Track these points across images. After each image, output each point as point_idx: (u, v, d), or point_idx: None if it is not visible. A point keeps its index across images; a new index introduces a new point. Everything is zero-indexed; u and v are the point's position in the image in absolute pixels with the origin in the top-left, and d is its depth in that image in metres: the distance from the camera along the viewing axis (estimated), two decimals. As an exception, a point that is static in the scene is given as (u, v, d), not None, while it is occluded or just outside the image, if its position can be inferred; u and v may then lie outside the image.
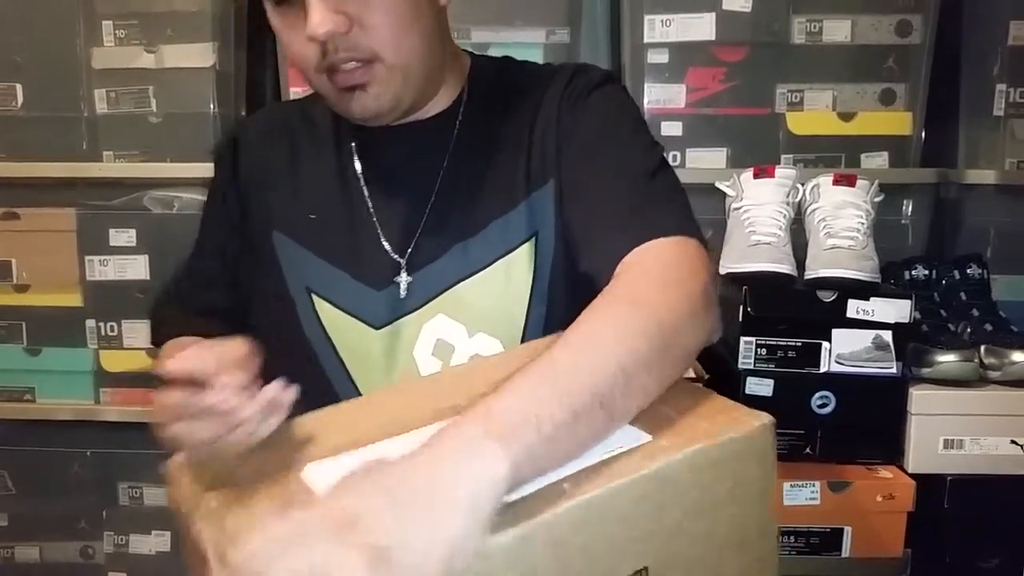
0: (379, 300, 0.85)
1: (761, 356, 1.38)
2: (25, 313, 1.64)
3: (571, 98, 0.87)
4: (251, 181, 0.93)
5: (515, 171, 0.86)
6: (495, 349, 0.85)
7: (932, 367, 1.40)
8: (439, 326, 0.85)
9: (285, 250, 0.89)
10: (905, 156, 1.61)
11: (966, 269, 1.54)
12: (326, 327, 0.86)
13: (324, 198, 0.89)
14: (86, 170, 1.58)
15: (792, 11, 1.57)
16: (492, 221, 0.85)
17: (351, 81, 0.79)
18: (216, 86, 1.57)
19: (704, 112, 1.60)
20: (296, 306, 0.88)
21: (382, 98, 0.81)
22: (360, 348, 0.85)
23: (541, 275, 0.85)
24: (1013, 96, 1.59)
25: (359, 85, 0.80)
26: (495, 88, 0.91)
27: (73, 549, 1.72)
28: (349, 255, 0.87)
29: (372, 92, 0.80)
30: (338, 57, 0.78)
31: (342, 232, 0.88)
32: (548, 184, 0.85)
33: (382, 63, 0.79)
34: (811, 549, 1.38)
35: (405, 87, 0.82)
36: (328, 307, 0.86)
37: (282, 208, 0.90)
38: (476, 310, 0.84)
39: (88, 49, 1.57)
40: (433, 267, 0.85)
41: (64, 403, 1.66)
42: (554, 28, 1.59)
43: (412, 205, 0.87)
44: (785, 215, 1.43)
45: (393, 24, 0.78)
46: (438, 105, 0.89)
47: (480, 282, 0.85)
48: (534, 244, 0.85)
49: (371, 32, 0.77)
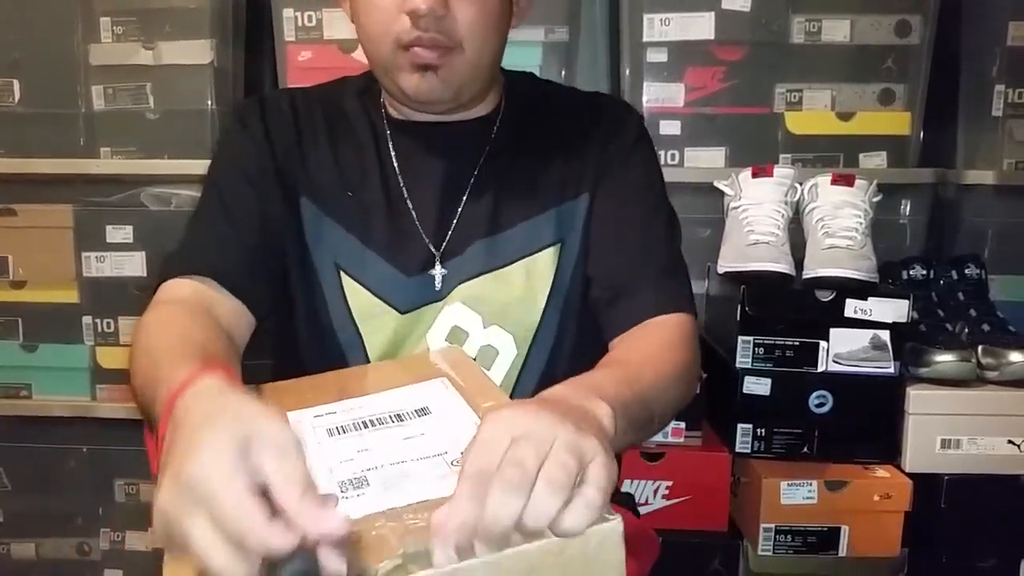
0: (409, 287, 0.89)
1: (759, 355, 1.38)
2: (21, 309, 1.64)
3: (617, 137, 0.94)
4: (282, 141, 0.91)
5: (547, 180, 0.92)
6: (507, 343, 0.89)
7: (930, 367, 1.40)
8: (457, 313, 0.88)
9: (312, 219, 0.90)
10: (904, 156, 1.61)
11: (964, 269, 1.54)
12: (351, 306, 0.89)
13: (362, 181, 0.91)
14: (83, 166, 1.58)
15: (791, 11, 1.57)
16: (519, 223, 0.90)
17: (428, 60, 0.82)
18: (214, 83, 1.56)
19: (703, 111, 1.60)
20: (320, 276, 0.89)
21: (449, 85, 0.85)
22: (381, 328, 0.88)
23: (561, 281, 0.91)
24: (1012, 97, 1.59)
25: (433, 67, 0.83)
26: (530, 102, 0.97)
27: (69, 546, 1.71)
28: (386, 240, 0.89)
29: (442, 76, 0.84)
30: (427, 35, 0.81)
31: (380, 217, 0.90)
32: (582, 197, 0.92)
33: (462, 53, 0.83)
34: (808, 548, 1.38)
35: (471, 81, 0.87)
36: (357, 287, 0.89)
37: (315, 178, 0.91)
38: (493, 304, 0.88)
39: (86, 45, 1.56)
40: (460, 259, 0.89)
41: (60, 400, 1.65)
42: (553, 27, 1.59)
43: (446, 200, 0.91)
44: (783, 214, 1.43)
45: (483, 21, 0.84)
46: (480, 110, 0.94)
47: (500, 278, 0.89)
48: (558, 251, 0.91)
49: (463, 21, 0.82)
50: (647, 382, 0.72)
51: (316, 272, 0.90)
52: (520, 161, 0.92)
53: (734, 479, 1.45)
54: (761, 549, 1.38)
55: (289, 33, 1.58)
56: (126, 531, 1.70)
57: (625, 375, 0.71)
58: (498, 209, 0.90)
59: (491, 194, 0.91)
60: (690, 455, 1.44)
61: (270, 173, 0.90)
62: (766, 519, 1.38)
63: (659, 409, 0.74)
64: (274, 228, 0.89)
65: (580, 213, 0.92)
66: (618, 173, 0.93)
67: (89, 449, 1.68)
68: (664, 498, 1.44)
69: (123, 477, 1.69)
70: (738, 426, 1.40)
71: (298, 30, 1.58)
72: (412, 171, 0.92)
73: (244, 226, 0.87)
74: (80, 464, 1.68)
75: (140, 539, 1.69)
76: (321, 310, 0.89)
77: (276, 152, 0.91)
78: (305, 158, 0.91)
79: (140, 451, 1.63)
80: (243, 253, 0.86)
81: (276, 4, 1.58)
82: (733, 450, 1.42)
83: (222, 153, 0.95)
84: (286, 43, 1.58)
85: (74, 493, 1.69)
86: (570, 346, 0.91)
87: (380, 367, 0.87)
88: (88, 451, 1.68)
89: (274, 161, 0.90)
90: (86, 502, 1.70)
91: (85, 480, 1.69)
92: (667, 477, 1.44)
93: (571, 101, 0.99)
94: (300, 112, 0.93)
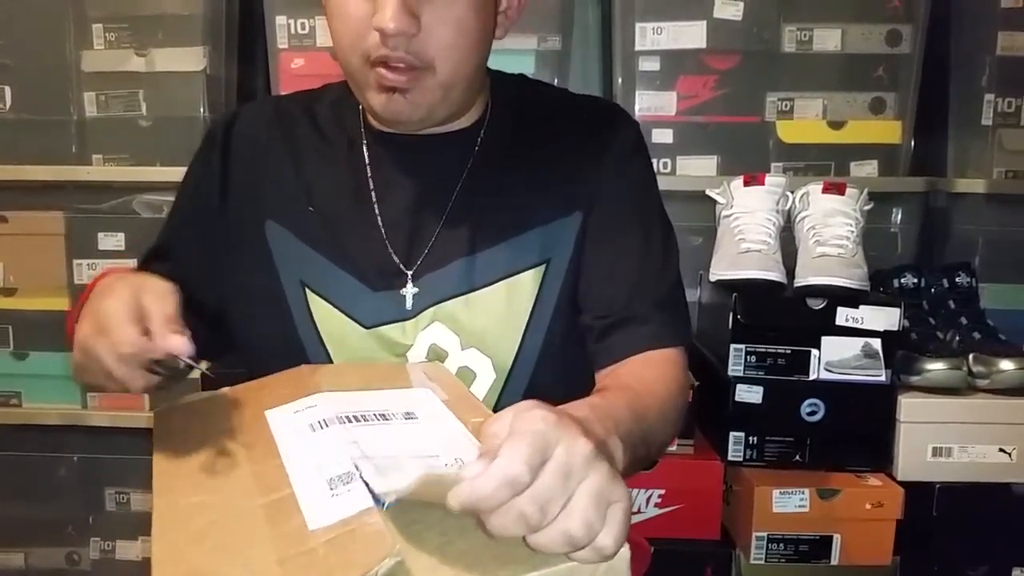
0: (374, 301, 0.85)
1: (751, 363, 1.39)
2: (12, 317, 1.63)
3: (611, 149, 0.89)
4: (245, 167, 0.91)
5: (534, 196, 0.87)
6: (486, 367, 0.85)
7: (921, 375, 1.41)
8: (435, 333, 0.85)
9: (278, 240, 0.88)
10: (894, 165, 1.62)
11: (955, 277, 1.54)
12: (317, 322, 0.86)
13: (329, 197, 0.89)
14: (75, 173, 1.58)
15: (783, 20, 1.57)
16: (501, 242, 0.85)
17: (395, 82, 0.78)
18: (206, 90, 1.56)
19: (695, 120, 1.60)
20: (287, 297, 0.87)
21: (417, 107, 0.80)
22: (346, 344, 0.85)
23: (545, 302, 0.85)
24: (1001, 106, 1.60)
25: (401, 89, 0.79)
26: (518, 110, 0.92)
27: (59, 555, 1.70)
28: (352, 256, 0.86)
29: (410, 98, 0.79)
30: (395, 55, 0.76)
31: (347, 231, 0.87)
32: (574, 215, 0.87)
33: (433, 75, 0.79)
34: (800, 556, 1.38)
35: (442, 103, 0.82)
36: (322, 303, 0.86)
37: (280, 198, 0.89)
38: (471, 326, 0.84)
39: (78, 52, 1.56)
40: (436, 277, 0.85)
41: (51, 408, 1.64)
42: (546, 35, 1.59)
43: (424, 216, 0.87)
44: (775, 223, 1.43)
45: (458, 43, 0.78)
46: (463, 121, 0.89)
47: (479, 300, 0.85)
48: (543, 271, 0.86)
49: (435, 43, 0.77)
50: (651, 420, 0.71)
51: (283, 292, 0.87)
52: (505, 175, 0.88)
53: (726, 487, 1.45)
54: (753, 557, 1.38)
55: (282, 40, 1.58)
56: (116, 540, 1.69)
57: (636, 410, 0.69)
58: (479, 227, 0.86)
59: (473, 211, 0.86)
60: (682, 463, 1.44)
61: (230, 201, 0.90)
62: (758, 527, 1.38)
63: (653, 450, 0.73)
64: (212, 270, 0.90)
65: (571, 231, 0.87)
66: (614, 189, 0.88)
67: (79, 457, 1.67)
68: (656, 506, 1.44)
69: (113, 486, 1.68)
70: (730, 434, 1.40)
71: (291, 37, 1.58)
72: (386, 184, 0.88)
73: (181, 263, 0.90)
74: (70, 472, 1.68)
75: (130, 548, 1.68)
76: (290, 329, 0.86)
77: (238, 181, 0.90)
78: (271, 178, 0.90)
79: (131, 460, 1.63)
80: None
81: (269, 11, 1.58)
82: (725, 458, 1.42)
83: (184, 181, 0.95)
84: (279, 50, 1.58)
85: (64, 502, 1.68)
86: (551, 370, 0.86)
87: (358, 368, 0.84)
88: (78, 459, 1.67)
89: (236, 189, 0.90)
90: (76, 511, 1.69)
91: (75, 488, 1.68)
92: (659, 485, 1.44)
93: (564, 107, 0.93)
94: (271, 128, 0.91)
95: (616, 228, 0.87)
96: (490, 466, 0.47)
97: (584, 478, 0.49)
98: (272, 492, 0.57)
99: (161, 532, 0.56)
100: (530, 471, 0.47)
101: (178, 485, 0.61)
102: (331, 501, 0.54)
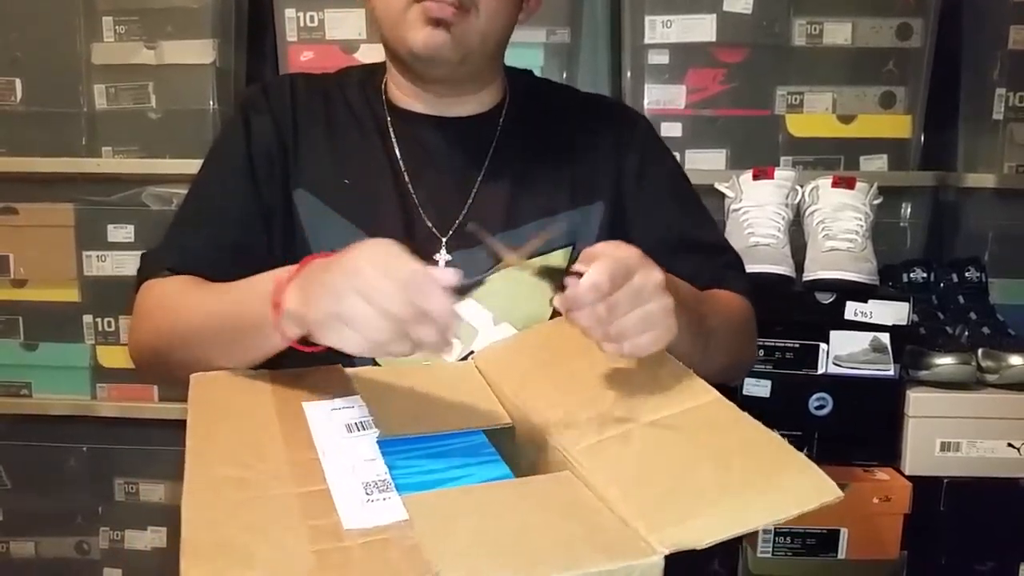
0: None
1: (759, 357, 1.38)
2: (22, 308, 1.64)
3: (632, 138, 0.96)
4: (280, 135, 0.92)
5: (559, 182, 0.92)
6: None
7: (929, 369, 1.40)
8: (467, 309, 0.87)
9: (308, 209, 0.90)
10: (904, 159, 1.61)
11: (964, 272, 1.54)
12: None
13: (363, 170, 0.91)
14: (85, 166, 1.58)
15: (793, 13, 1.57)
16: (532, 222, 0.90)
17: (442, 14, 0.82)
18: (216, 83, 1.56)
19: (704, 113, 1.60)
20: None
21: (459, 45, 0.85)
22: None
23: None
24: (1012, 100, 1.59)
25: (446, 23, 0.83)
26: (534, 99, 0.98)
27: (69, 545, 1.71)
28: (389, 226, 0.88)
29: (455, 34, 0.84)
30: None
31: (382, 204, 0.90)
32: (596, 204, 0.92)
33: (477, 17, 0.84)
34: (807, 550, 1.38)
35: (479, 50, 0.87)
36: None
37: (314, 166, 0.91)
38: (505, 302, 0.88)
39: (88, 45, 1.56)
40: (472, 252, 0.89)
41: (60, 398, 1.65)
42: (554, 28, 1.59)
43: (453, 192, 0.91)
44: (784, 217, 1.43)
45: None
46: (480, 105, 0.93)
47: (512, 276, 0.87)
48: (569, 254, 0.91)
49: None
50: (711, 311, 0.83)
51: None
52: (529, 159, 0.92)
53: (734, 481, 1.45)
54: (760, 551, 1.38)
55: (291, 33, 1.58)
56: (125, 530, 1.69)
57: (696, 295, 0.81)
58: (509, 206, 0.90)
59: (504, 189, 0.91)
60: (690, 457, 1.44)
61: (273, 161, 0.90)
62: (765, 521, 1.38)
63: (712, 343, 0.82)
64: (260, 224, 0.89)
65: (595, 219, 0.92)
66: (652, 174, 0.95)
67: (89, 448, 1.68)
68: (663, 500, 1.44)
69: (123, 476, 1.69)
70: (738, 428, 1.40)
71: (300, 30, 1.58)
72: (415, 159, 0.91)
73: (225, 222, 0.89)
74: (80, 463, 1.68)
75: (139, 538, 1.69)
76: None
77: (279, 141, 0.91)
78: (303, 149, 0.91)
79: (140, 450, 1.64)
80: (222, 251, 0.87)
81: (278, 4, 1.58)
82: (733, 452, 1.42)
83: (216, 147, 0.95)
84: (288, 43, 1.58)
85: (73, 492, 1.69)
86: None
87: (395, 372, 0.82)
88: (88, 450, 1.68)
89: (277, 149, 0.91)
90: (85, 501, 1.70)
91: (85, 479, 1.69)
92: (667, 479, 1.44)
93: (574, 102, 0.99)
94: (300, 100, 0.93)
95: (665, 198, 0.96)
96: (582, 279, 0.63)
97: (650, 301, 0.66)
98: (307, 484, 0.58)
99: (192, 495, 0.56)
100: (611, 282, 0.64)
101: (213, 452, 0.62)
102: (366, 506, 0.55)
